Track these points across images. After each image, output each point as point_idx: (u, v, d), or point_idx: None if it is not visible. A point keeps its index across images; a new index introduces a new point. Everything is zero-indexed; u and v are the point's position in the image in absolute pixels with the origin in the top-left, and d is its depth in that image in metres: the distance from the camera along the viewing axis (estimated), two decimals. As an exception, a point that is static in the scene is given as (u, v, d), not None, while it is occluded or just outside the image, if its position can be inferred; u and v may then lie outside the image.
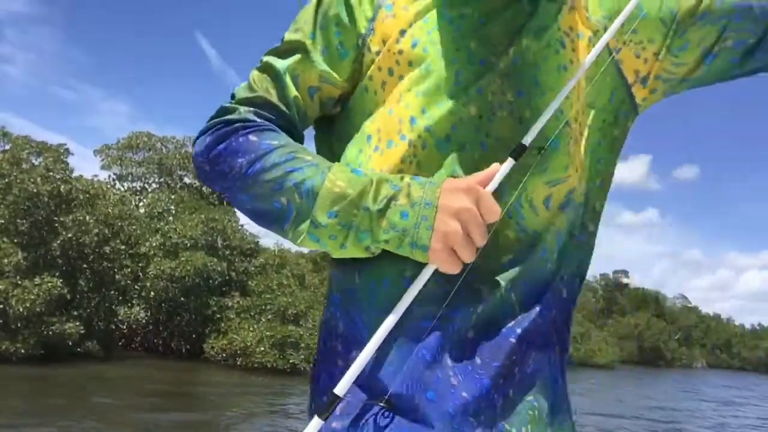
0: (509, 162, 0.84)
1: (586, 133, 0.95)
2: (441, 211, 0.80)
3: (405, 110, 0.89)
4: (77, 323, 17.59)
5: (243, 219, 23.54)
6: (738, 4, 0.96)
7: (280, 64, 0.95)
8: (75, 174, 19.39)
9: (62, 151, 19.11)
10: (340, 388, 0.81)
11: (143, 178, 26.07)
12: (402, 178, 0.84)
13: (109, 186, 21.85)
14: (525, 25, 0.91)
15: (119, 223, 19.24)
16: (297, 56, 0.95)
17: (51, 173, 18.04)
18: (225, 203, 26.09)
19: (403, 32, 0.91)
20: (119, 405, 12.38)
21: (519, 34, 0.90)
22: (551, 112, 0.87)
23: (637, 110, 1.01)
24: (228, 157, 0.90)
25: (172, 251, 20.50)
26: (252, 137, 0.89)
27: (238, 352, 20.00)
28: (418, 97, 0.88)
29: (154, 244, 20.32)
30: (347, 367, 0.82)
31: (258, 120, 0.93)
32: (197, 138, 0.96)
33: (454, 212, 0.80)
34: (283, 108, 0.95)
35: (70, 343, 17.48)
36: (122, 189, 25.42)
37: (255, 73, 0.97)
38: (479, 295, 0.86)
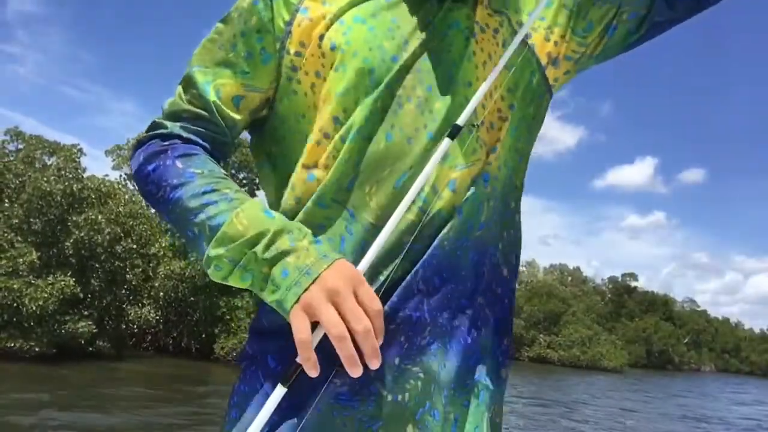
0: (446, 141, 0.91)
1: (509, 117, 1.02)
2: (317, 283, 0.81)
3: (330, 109, 0.94)
4: (89, 322, 17.69)
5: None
6: None
7: (202, 77, 1.00)
8: (85, 174, 19.50)
9: (75, 151, 19.25)
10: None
11: (154, 179, 26.17)
12: (304, 237, 0.86)
13: (120, 185, 21.96)
14: (434, 22, 0.98)
15: (131, 223, 19.33)
16: (218, 69, 1.00)
17: (63, 173, 18.16)
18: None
19: (321, 36, 0.96)
20: (130, 402, 12.43)
21: (429, 32, 0.97)
22: (480, 96, 0.94)
23: (552, 90, 1.09)
24: (156, 179, 0.95)
25: (181, 251, 20.58)
26: (178, 163, 0.94)
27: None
28: (338, 97, 0.94)
29: (164, 245, 20.40)
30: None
31: (185, 135, 0.99)
32: (133, 152, 1.01)
33: (326, 288, 0.81)
34: (209, 118, 1.00)
35: (82, 342, 17.59)
36: (133, 189, 25.55)
37: (180, 86, 1.02)
38: (377, 276, 0.90)
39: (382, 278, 0.90)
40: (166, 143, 0.97)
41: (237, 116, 1.01)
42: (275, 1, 0.99)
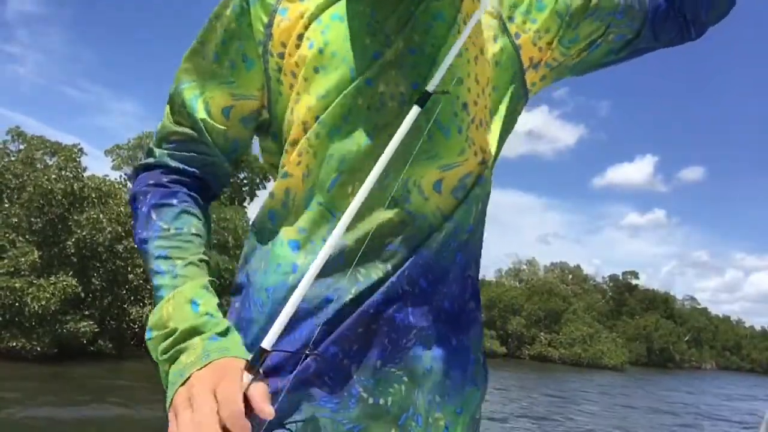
0: (415, 109, 0.86)
1: (494, 114, 0.99)
2: (185, 385, 0.77)
3: (306, 111, 0.91)
4: (90, 322, 17.72)
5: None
6: (622, 1, 1.03)
7: (190, 92, 0.98)
8: (86, 173, 19.53)
9: (76, 150, 19.27)
10: (267, 342, 0.77)
11: (154, 178, 26.17)
12: (207, 333, 0.81)
13: (120, 185, 21.98)
14: (416, 14, 0.93)
15: (132, 222, 19.33)
16: (204, 81, 0.98)
17: (63, 172, 18.19)
18: (236, 203, 26.23)
19: (300, 36, 0.93)
20: (131, 401, 12.45)
21: (409, 25, 0.92)
22: (451, 59, 0.89)
23: (528, 95, 1.06)
24: (134, 221, 0.97)
25: (183, 250, 20.54)
26: (152, 214, 0.94)
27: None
28: (319, 98, 0.90)
29: (165, 244, 20.39)
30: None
31: (173, 165, 0.98)
32: (132, 179, 1.03)
33: (188, 390, 0.77)
34: (198, 139, 0.99)
35: (84, 342, 17.62)
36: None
37: (168, 105, 1.01)
38: (355, 276, 0.88)
39: (362, 279, 0.88)
40: (151, 182, 0.97)
41: (228, 128, 0.99)
42: (252, 5, 0.96)
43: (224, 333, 0.83)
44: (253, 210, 26.55)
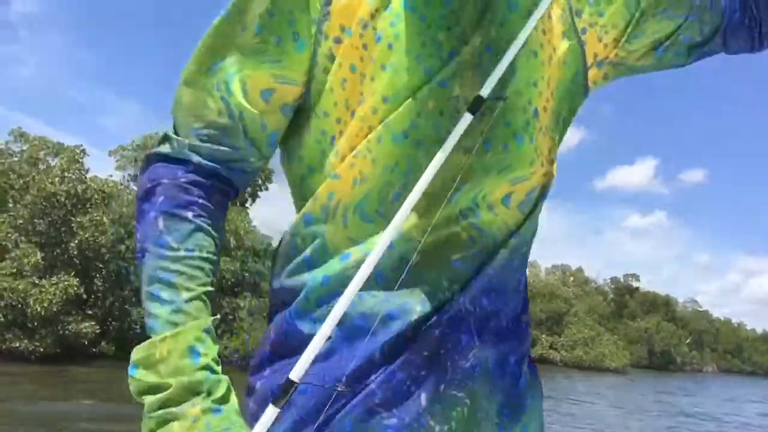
0: (467, 117, 0.79)
1: (557, 119, 0.92)
2: None
3: (371, 114, 0.81)
4: (93, 323, 17.76)
5: (255, 220, 23.79)
6: (696, 1, 0.96)
7: (222, 70, 0.83)
8: (88, 175, 19.59)
9: (79, 152, 19.32)
10: (296, 374, 0.73)
11: (157, 179, 26.22)
12: (206, 401, 0.77)
13: (123, 186, 22.02)
14: (492, 3, 0.84)
15: (134, 223, 19.38)
16: (242, 57, 0.83)
17: (66, 174, 18.25)
18: (237, 204, 26.25)
19: (365, 25, 0.82)
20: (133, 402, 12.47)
21: (487, 17, 0.84)
22: (510, 58, 0.81)
23: (587, 93, 0.97)
24: (139, 224, 0.85)
25: (185, 252, 20.58)
26: (160, 222, 0.82)
27: (252, 353, 20.03)
28: (386, 102, 0.81)
29: (167, 245, 20.41)
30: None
31: (195, 160, 0.85)
32: (142, 169, 0.89)
33: None
34: (230, 126, 0.84)
35: (86, 343, 17.66)
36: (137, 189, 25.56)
37: (195, 76, 0.85)
38: (420, 294, 0.83)
39: (428, 297, 0.83)
40: (166, 181, 0.84)
41: (267, 115, 0.85)
42: None
43: (224, 399, 0.78)
44: (254, 211, 26.56)
